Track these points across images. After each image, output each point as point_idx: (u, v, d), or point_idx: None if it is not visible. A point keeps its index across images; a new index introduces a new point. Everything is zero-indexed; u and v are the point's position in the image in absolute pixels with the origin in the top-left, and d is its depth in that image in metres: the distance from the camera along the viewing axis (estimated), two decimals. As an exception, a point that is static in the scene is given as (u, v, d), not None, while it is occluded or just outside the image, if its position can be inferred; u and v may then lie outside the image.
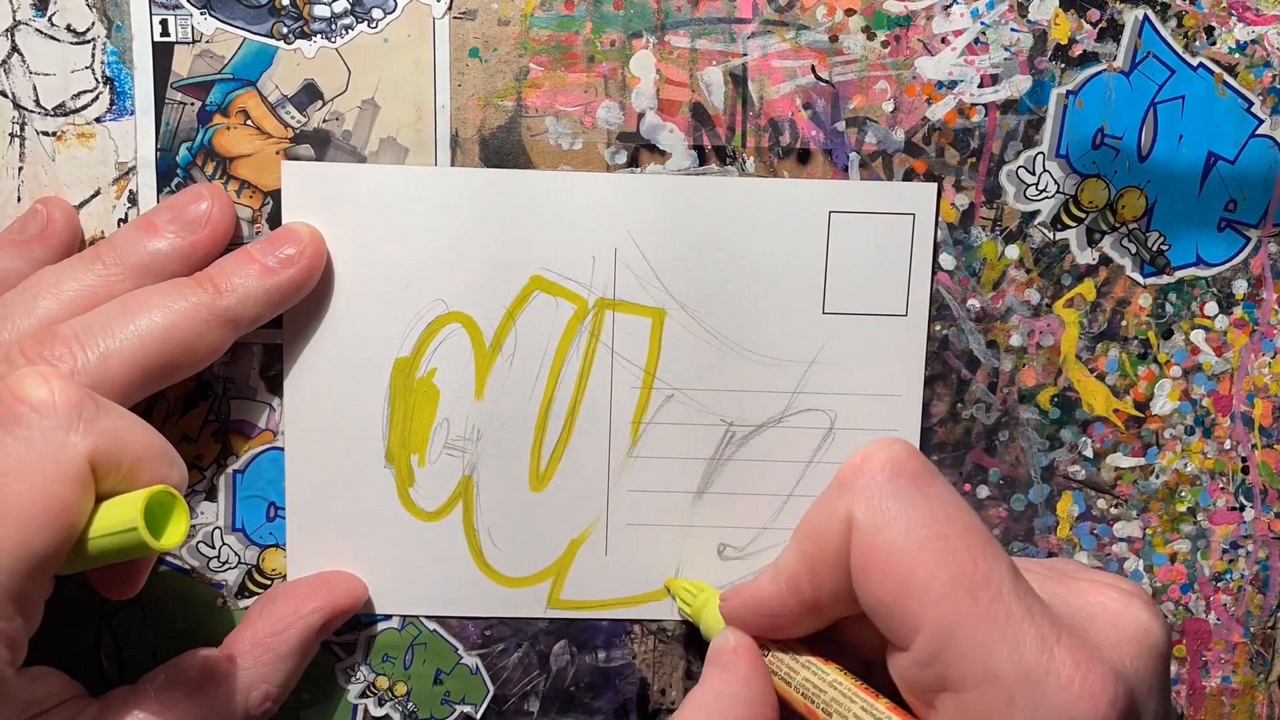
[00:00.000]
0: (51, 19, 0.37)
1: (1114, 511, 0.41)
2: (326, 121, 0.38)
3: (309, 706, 0.41)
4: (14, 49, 0.37)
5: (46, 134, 0.38)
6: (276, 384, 0.39)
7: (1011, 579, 0.29)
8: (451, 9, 0.38)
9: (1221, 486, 0.41)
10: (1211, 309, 0.40)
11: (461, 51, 0.38)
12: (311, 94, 0.38)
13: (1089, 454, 0.41)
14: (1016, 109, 0.39)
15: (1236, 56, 0.39)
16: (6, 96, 0.38)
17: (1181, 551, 0.42)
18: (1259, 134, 0.40)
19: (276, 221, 0.38)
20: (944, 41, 0.39)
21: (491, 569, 0.40)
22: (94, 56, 0.37)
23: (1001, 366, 0.40)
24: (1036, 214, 0.40)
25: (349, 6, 0.37)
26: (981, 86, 0.39)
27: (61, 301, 0.34)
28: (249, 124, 0.38)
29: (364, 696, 0.41)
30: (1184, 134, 0.39)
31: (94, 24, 0.37)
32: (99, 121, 0.38)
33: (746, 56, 0.38)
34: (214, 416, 0.39)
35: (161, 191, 0.38)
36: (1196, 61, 0.39)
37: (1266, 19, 0.39)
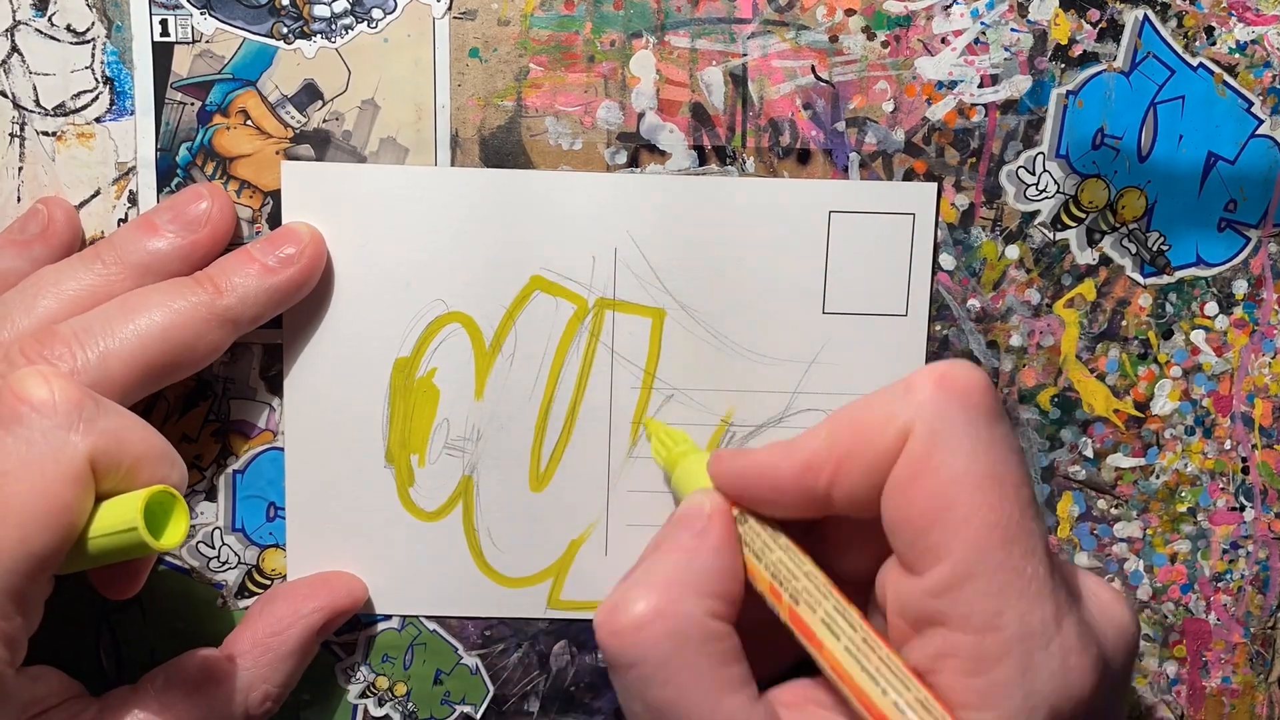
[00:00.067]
0: (51, 19, 0.37)
1: (1114, 512, 0.41)
2: (326, 121, 0.38)
3: (309, 706, 0.41)
4: (14, 49, 0.37)
5: (46, 134, 0.38)
6: (276, 384, 0.39)
7: (1045, 545, 0.29)
8: (451, 9, 0.38)
9: (1222, 487, 0.41)
10: (1212, 309, 0.40)
11: (461, 51, 0.38)
12: (311, 94, 0.38)
13: (1089, 454, 0.41)
14: (1016, 109, 0.39)
15: (1236, 57, 0.39)
16: (6, 96, 0.38)
17: (1182, 552, 0.42)
18: (1259, 134, 0.40)
19: (276, 221, 0.38)
20: (944, 42, 0.39)
21: (491, 569, 0.40)
22: (94, 56, 0.37)
23: (1001, 367, 0.40)
24: (1036, 214, 0.40)
25: (349, 6, 0.37)
26: (981, 86, 0.39)
27: (61, 301, 0.35)
28: (249, 124, 0.38)
29: (364, 696, 0.41)
30: (1184, 134, 0.39)
31: (94, 24, 0.37)
32: (99, 121, 0.38)
33: (746, 56, 0.38)
34: (214, 416, 0.39)
35: (161, 191, 0.38)
36: (1196, 62, 0.39)
37: (1266, 19, 0.39)
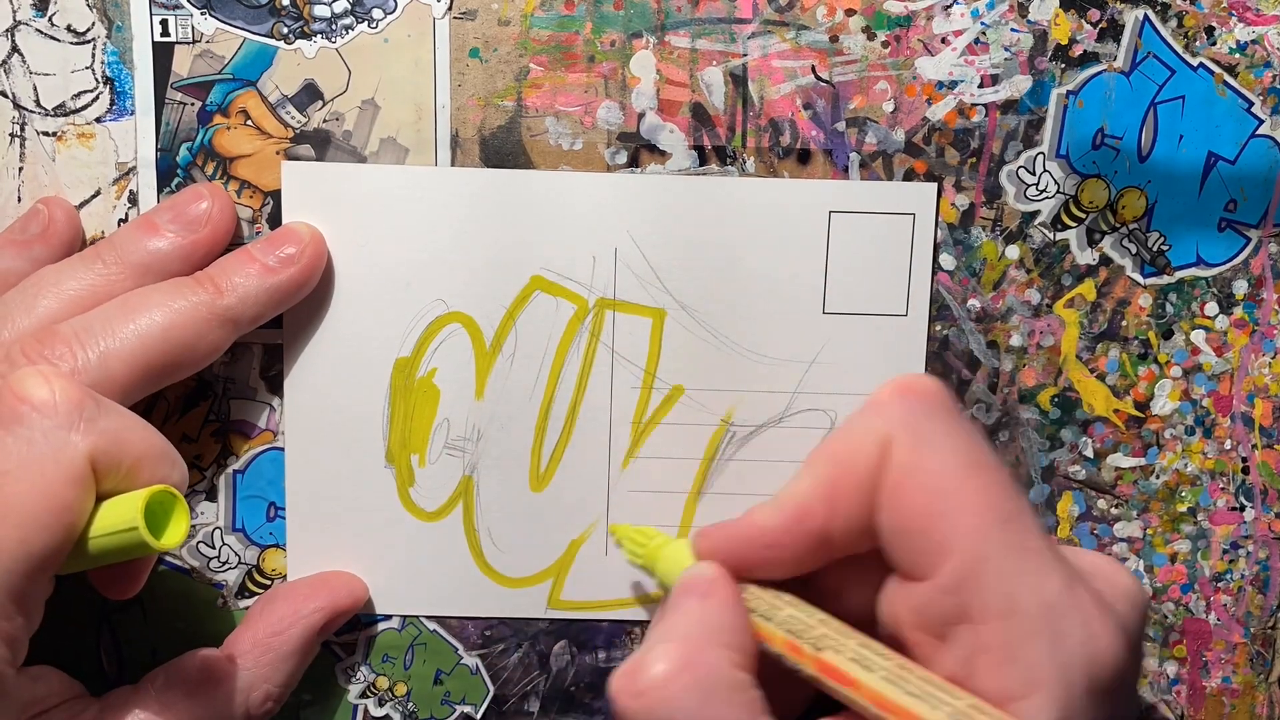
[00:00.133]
0: (51, 19, 0.37)
1: (1114, 512, 0.41)
2: (326, 121, 0.38)
3: (309, 706, 0.41)
4: (14, 49, 0.37)
5: (47, 134, 0.38)
6: (276, 384, 0.39)
7: (1037, 520, 0.29)
8: (451, 9, 0.38)
9: (1222, 487, 0.41)
10: (1212, 309, 0.40)
11: (461, 51, 0.38)
12: (311, 94, 0.38)
13: (1089, 454, 0.41)
14: (1017, 109, 0.39)
15: (1237, 57, 0.39)
16: (6, 96, 0.38)
17: (1182, 552, 0.42)
18: (1259, 134, 0.40)
19: (277, 221, 0.38)
20: (944, 42, 0.39)
21: (492, 569, 0.40)
22: (94, 56, 0.37)
23: (1002, 367, 0.40)
24: (1037, 214, 0.40)
25: (349, 6, 0.37)
26: (982, 87, 0.39)
27: (62, 301, 0.35)
28: (249, 124, 0.38)
29: (364, 696, 0.41)
30: (1184, 134, 0.39)
31: (94, 24, 0.37)
32: (99, 121, 0.38)
33: (747, 56, 0.38)
34: (214, 416, 0.39)
35: (162, 191, 0.38)
36: (1197, 62, 0.39)
37: (1267, 19, 0.39)
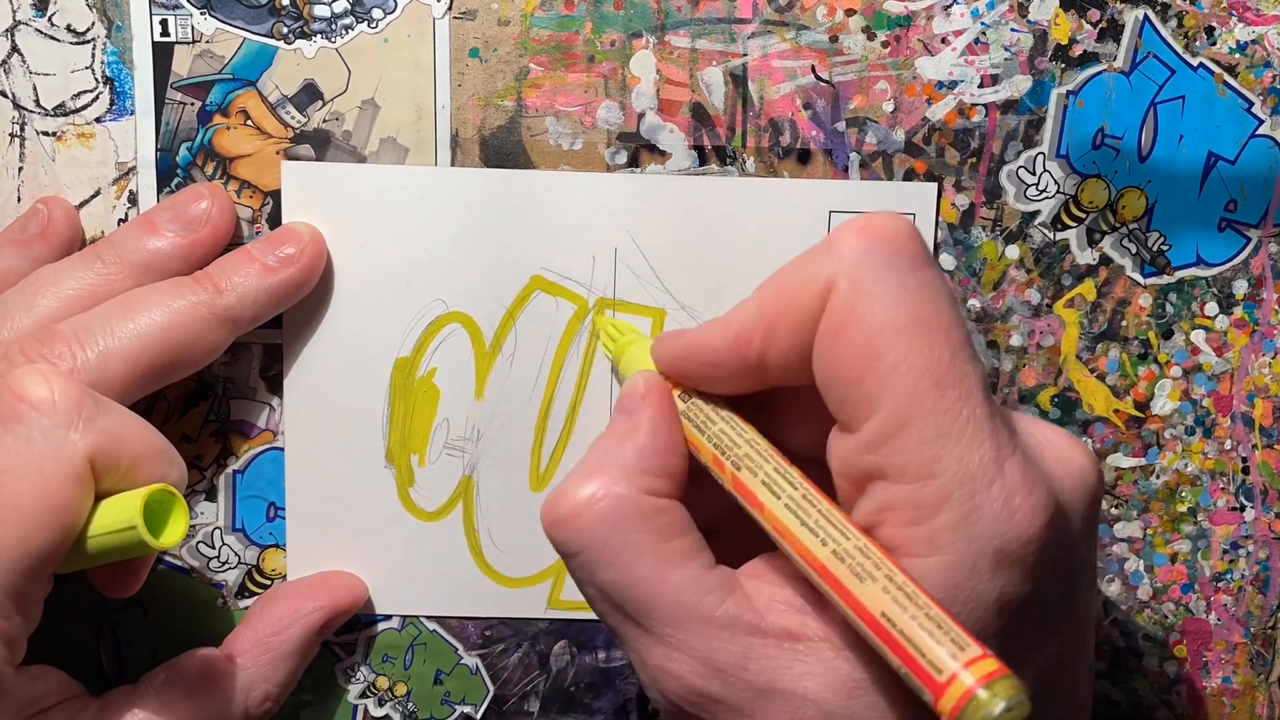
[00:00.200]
0: (51, 19, 0.37)
1: (1114, 512, 0.41)
2: (326, 121, 0.38)
3: (309, 706, 0.41)
4: (14, 49, 0.37)
5: (46, 134, 0.38)
6: (276, 384, 0.39)
7: (982, 386, 0.27)
8: (451, 9, 0.38)
9: (1222, 487, 0.41)
10: (1212, 309, 0.40)
11: (461, 51, 0.38)
12: (311, 94, 0.38)
13: (1089, 454, 0.41)
14: (1017, 109, 0.39)
15: (1237, 57, 0.39)
16: (6, 96, 0.38)
17: (1182, 552, 0.42)
18: (1259, 134, 0.40)
19: (276, 221, 0.38)
20: (944, 42, 0.39)
21: (491, 569, 0.40)
22: (94, 56, 0.37)
23: (1002, 366, 0.40)
24: (1037, 214, 0.40)
25: (349, 6, 0.37)
26: (982, 87, 0.39)
27: (61, 300, 0.35)
28: (249, 124, 0.38)
29: (364, 697, 0.41)
30: (1184, 134, 0.39)
31: (94, 24, 0.37)
32: (99, 121, 0.38)
33: (746, 56, 0.38)
34: (214, 416, 0.39)
35: (161, 191, 0.38)
36: (1197, 62, 0.39)
37: (1267, 19, 0.39)
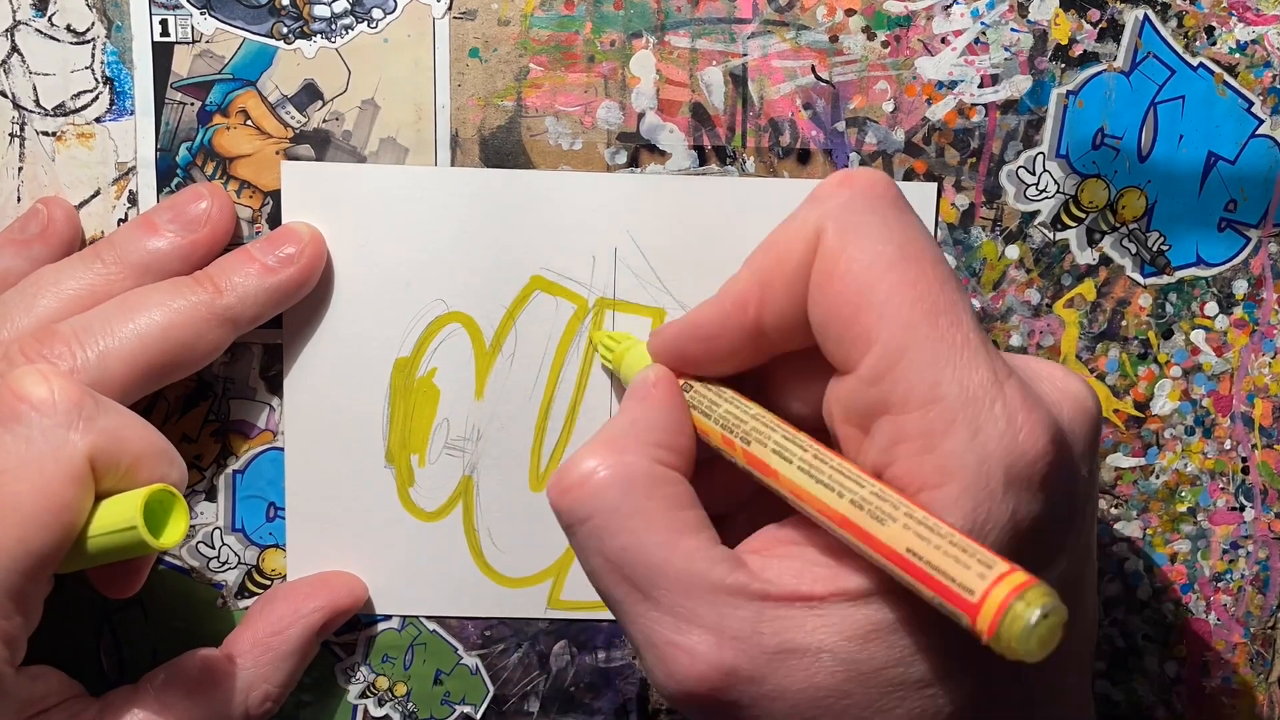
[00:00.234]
0: (51, 19, 0.37)
1: (1114, 511, 0.41)
2: (326, 121, 0.38)
3: (309, 706, 0.41)
4: (14, 49, 0.37)
5: (46, 134, 0.38)
6: (276, 384, 0.39)
7: (971, 315, 0.28)
8: (451, 9, 0.38)
9: (1221, 487, 0.41)
10: (1212, 309, 0.40)
11: (461, 51, 0.38)
12: (311, 94, 0.38)
13: (1089, 454, 0.41)
14: (1016, 109, 0.39)
15: (1237, 56, 0.39)
16: (6, 96, 0.38)
17: (1181, 552, 0.42)
18: (1259, 134, 0.40)
19: (276, 221, 0.38)
20: (944, 41, 0.39)
21: (491, 569, 0.40)
22: (94, 56, 0.37)
23: (1001, 366, 0.40)
24: (1036, 214, 0.40)
25: (349, 6, 0.37)
26: (981, 86, 0.39)
27: (61, 300, 0.35)
28: (249, 124, 0.38)
29: (364, 697, 0.41)
30: (1184, 134, 0.39)
31: (94, 24, 0.37)
32: (99, 121, 0.38)
33: (746, 56, 0.38)
34: (214, 416, 0.39)
35: (161, 191, 0.38)
36: (1197, 61, 0.39)
37: (1267, 19, 0.39)
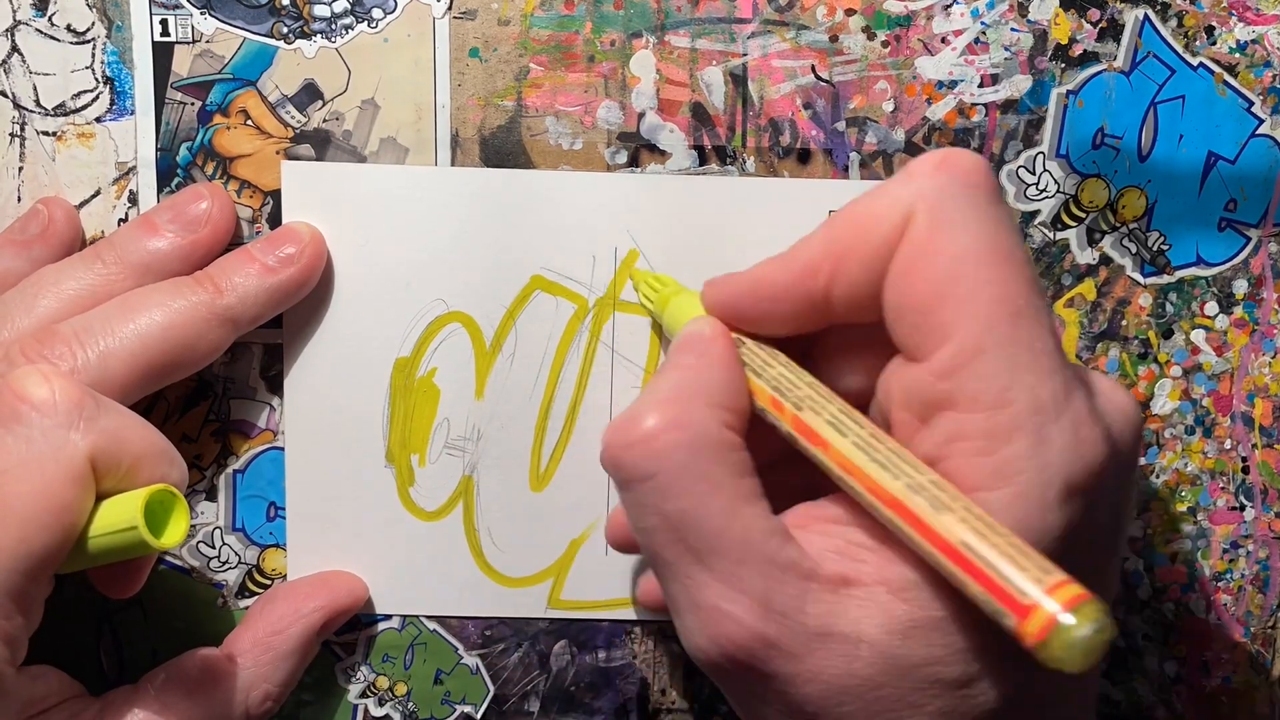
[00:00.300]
0: (51, 19, 0.37)
1: (1114, 511, 0.41)
2: (326, 121, 0.38)
3: (309, 706, 0.41)
4: (14, 49, 0.37)
5: (46, 134, 0.38)
6: (276, 384, 0.39)
7: (1051, 322, 0.28)
8: (451, 9, 0.38)
9: (1222, 486, 0.41)
10: (1212, 309, 0.40)
11: (461, 51, 0.38)
12: (311, 94, 0.38)
13: (1089, 454, 0.41)
14: (1017, 109, 0.39)
15: (1237, 56, 0.39)
16: (6, 96, 0.38)
17: (1182, 551, 0.42)
18: (1259, 134, 0.40)
19: (276, 221, 0.38)
20: (944, 41, 0.39)
21: (492, 569, 0.40)
22: (94, 56, 0.37)
23: (1002, 366, 0.40)
24: (1037, 214, 0.40)
25: (349, 6, 0.37)
26: (982, 86, 0.39)
27: (61, 300, 0.35)
28: (249, 124, 0.38)
29: (364, 696, 0.41)
30: (1184, 134, 0.39)
31: (94, 24, 0.37)
32: (99, 121, 0.38)
33: (746, 56, 0.38)
34: (214, 416, 0.39)
35: (161, 191, 0.38)
36: (1197, 61, 0.39)
37: (1267, 19, 0.39)
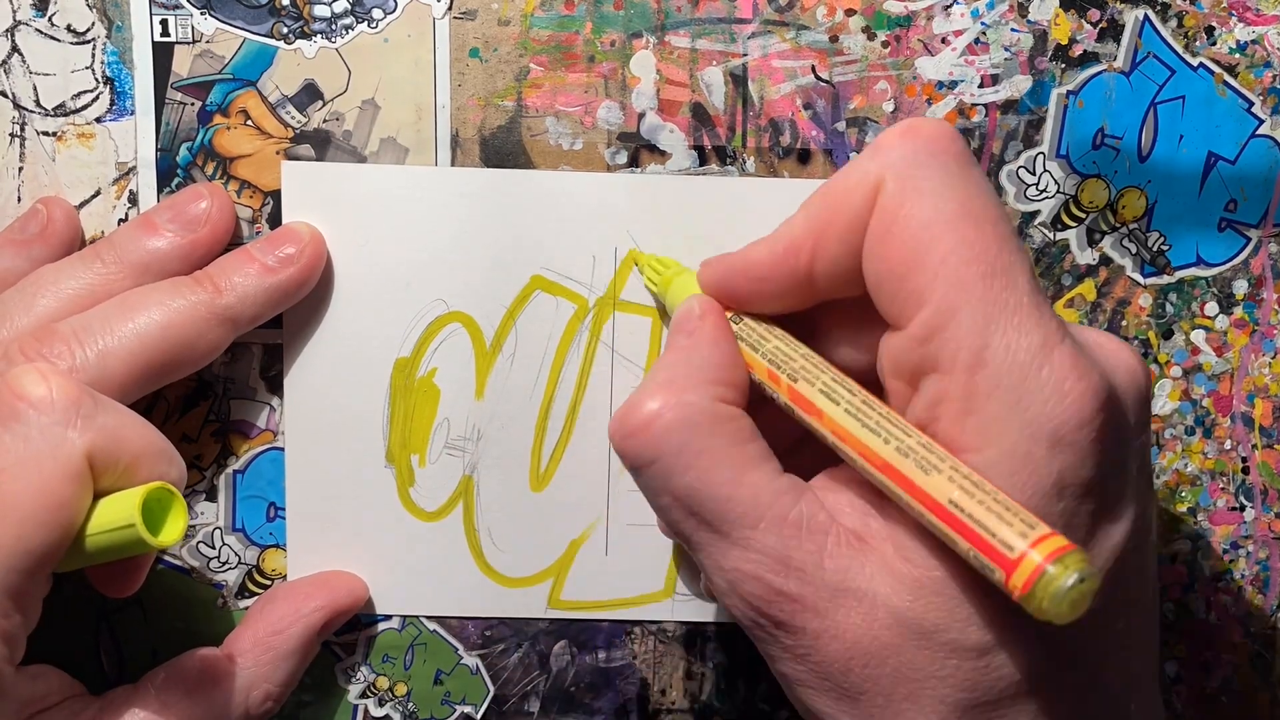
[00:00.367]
0: (51, 19, 0.37)
1: (1115, 512, 0.41)
2: (326, 121, 0.38)
3: (309, 706, 0.41)
4: (14, 49, 0.37)
5: (47, 134, 0.38)
6: (276, 384, 0.39)
7: (1029, 277, 0.28)
8: (451, 9, 0.38)
9: (1222, 487, 0.41)
10: (1212, 309, 0.40)
11: (461, 51, 0.38)
12: (311, 94, 0.38)
13: (1089, 454, 0.41)
14: (1017, 109, 0.39)
15: (1237, 56, 0.39)
16: (6, 96, 0.38)
17: (1182, 551, 0.42)
18: (1259, 134, 0.40)
19: (277, 221, 0.38)
20: (944, 42, 0.39)
21: (492, 569, 0.40)
22: (94, 56, 0.37)
23: (1002, 366, 0.40)
24: (1037, 214, 0.40)
25: (349, 6, 0.37)
26: (982, 87, 0.39)
27: (61, 300, 0.35)
28: (249, 124, 0.38)
29: (364, 697, 0.41)
30: (1184, 134, 0.39)
31: (94, 24, 0.37)
32: (99, 121, 0.38)
33: (747, 56, 0.38)
34: (214, 416, 0.39)
35: (162, 191, 0.38)
36: (1197, 61, 0.39)
37: (1267, 19, 0.39)
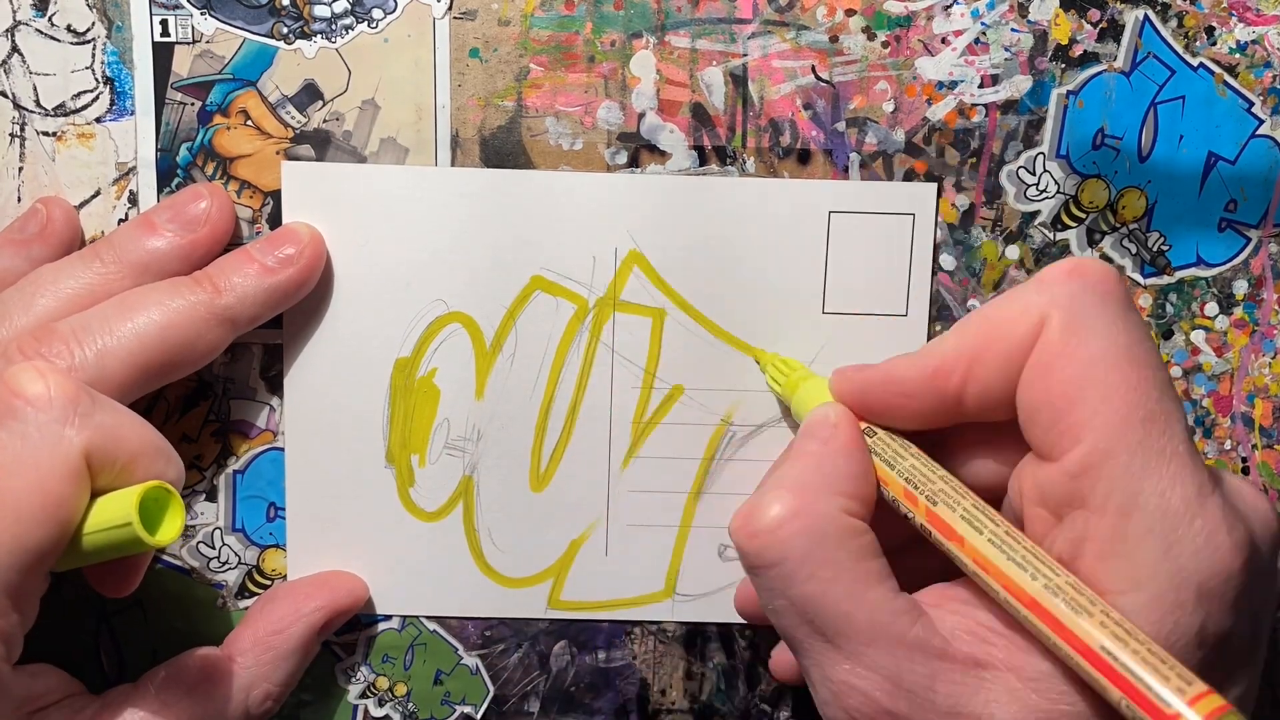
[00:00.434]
0: (51, 19, 0.37)
1: (1115, 512, 0.41)
2: (326, 121, 0.38)
3: (309, 706, 0.41)
4: (14, 49, 0.37)
5: (46, 134, 0.38)
6: (276, 384, 0.39)
7: (1184, 427, 0.29)
8: (451, 9, 0.38)
9: (1223, 487, 0.41)
10: (1212, 309, 0.40)
11: (461, 51, 0.38)
12: (311, 94, 0.38)
13: (1090, 455, 0.41)
14: (1017, 109, 0.39)
15: (1237, 57, 0.39)
16: (6, 96, 0.38)
17: (1183, 552, 0.41)
18: (1259, 134, 0.40)
19: (276, 222, 0.38)
20: (944, 42, 0.39)
21: (492, 569, 0.40)
22: (94, 56, 0.37)
23: (1002, 367, 0.40)
24: (1037, 214, 0.40)
25: (349, 6, 0.37)
26: (982, 87, 0.39)
27: (60, 299, 0.35)
28: (249, 124, 0.38)
29: (364, 697, 0.41)
30: (1184, 134, 0.39)
31: (94, 24, 0.37)
32: (99, 121, 0.38)
33: (747, 57, 0.38)
34: (214, 416, 0.39)
35: (161, 191, 0.38)
36: (1197, 62, 0.39)
37: (1267, 19, 0.39)
